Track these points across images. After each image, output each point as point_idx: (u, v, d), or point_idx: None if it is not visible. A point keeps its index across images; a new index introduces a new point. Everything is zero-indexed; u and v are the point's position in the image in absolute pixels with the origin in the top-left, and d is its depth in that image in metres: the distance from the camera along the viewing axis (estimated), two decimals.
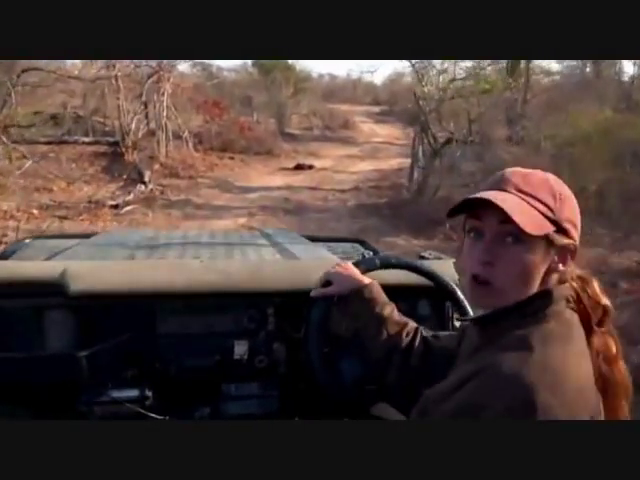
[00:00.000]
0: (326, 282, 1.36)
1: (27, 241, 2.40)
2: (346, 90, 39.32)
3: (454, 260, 1.61)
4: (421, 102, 10.35)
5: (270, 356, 1.55)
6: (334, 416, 1.33)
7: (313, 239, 2.48)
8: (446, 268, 1.55)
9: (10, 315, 1.41)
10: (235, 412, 1.50)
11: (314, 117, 25.27)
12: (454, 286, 1.48)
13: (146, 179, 10.59)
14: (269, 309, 1.56)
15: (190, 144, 13.03)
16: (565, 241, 0.90)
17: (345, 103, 31.00)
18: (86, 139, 12.79)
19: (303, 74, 32.06)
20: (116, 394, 1.40)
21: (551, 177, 0.94)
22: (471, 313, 1.35)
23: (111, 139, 12.67)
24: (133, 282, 1.46)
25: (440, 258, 1.81)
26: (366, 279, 1.32)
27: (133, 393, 1.42)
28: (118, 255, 1.96)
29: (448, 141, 10.22)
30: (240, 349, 1.52)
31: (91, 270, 1.49)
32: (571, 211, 0.92)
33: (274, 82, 22.17)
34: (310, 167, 14.07)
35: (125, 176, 11.16)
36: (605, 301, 0.95)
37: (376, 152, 17.77)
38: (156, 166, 11.95)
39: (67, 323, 1.43)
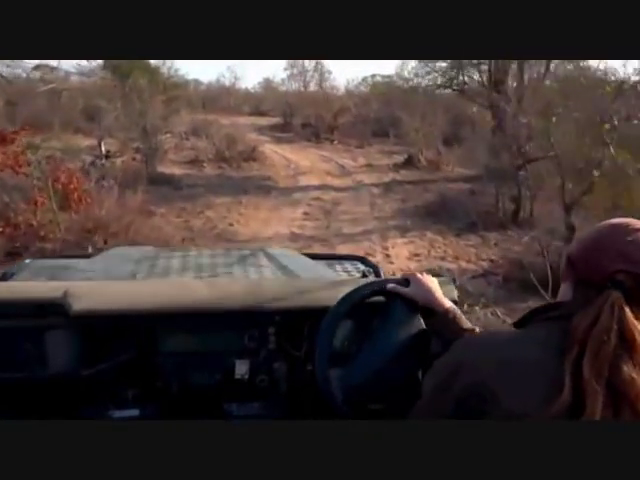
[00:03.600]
0: (404, 281, 1.27)
1: (27, 262, 2.15)
2: (220, 99, 31.61)
3: (453, 277, 1.50)
4: None
5: (271, 375, 1.44)
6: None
7: (314, 257, 2.26)
8: (446, 287, 1.40)
9: (12, 335, 1.32)
10: None
11: (199, 140, 15.99)
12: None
13: None
14: (270, 328, 1.44)
15: None
16: None
17: (222, 115, 22.49)
18: None
19: (174, 79, 22.84)
20: (117, 414, 1.35)
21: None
22: None
23: None
24: (134, 302, 1.37)
25: (440, 276, 1.47)
26: (447, 301, 1.25)
27: (134, 412, 1.36)
28: (119, 274, 1.81)
29: None
30: (241, 368, 1.42)
31: (92, 290, 1.40)
32: None
33: (135, 89, 12.88)
34: None
35: None
36: None
37: (336, 219, 9.07)
38: None
39: (69, 343, 1.34)
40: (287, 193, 10.88)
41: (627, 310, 0.82)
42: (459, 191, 11.40)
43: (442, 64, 15.32)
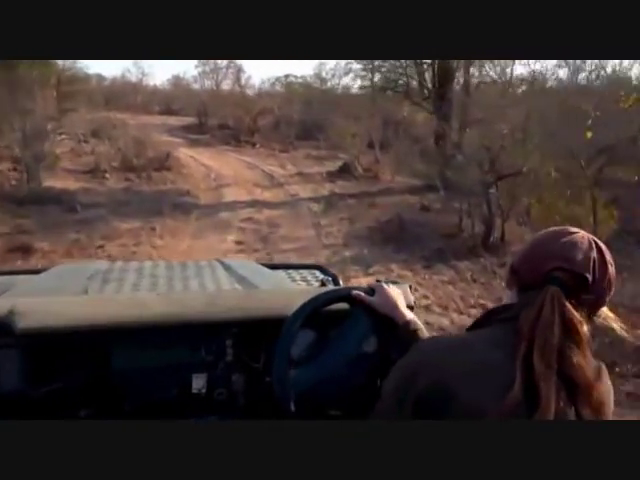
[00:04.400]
0: (370, 290, 1.25)
1: None
2: (126, 96, 28.84)
3: (410, 284, 1.50)
4: None
5: (229, 388, 1.37)
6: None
7: (272, 267, 2.17)
8: (403, 292, 1.37)
9: None
10: None
11: (101, 143, 13.49)
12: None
13: None
14: (227, 340, 1.36)
15: None
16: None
17: (128, 114, 20.06)
18: None
19: (72, 71, 19.85)
20: None
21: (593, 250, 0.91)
22: None
23: None
24: (85, 317, 1.28)
25: (396, 282, 1.43)
26: (409, 313, 1.22)
27: None
28: (70, 289, 1.66)
29: None
30: (198, 382, 1.34)
31: (40, 306, 1.30)
32: (606, 285, 0.90)
33: (24, 82, 10.58)
34: None
35: None
36: None
37: (277, 248, 7.22)
38: None
39: (16, 363, 1.23)
40: (211, 212, 8.90)
41: (567, 303, 0.84)
42: (409, 206, 9.96)
43: (357, 65, 14.17)
